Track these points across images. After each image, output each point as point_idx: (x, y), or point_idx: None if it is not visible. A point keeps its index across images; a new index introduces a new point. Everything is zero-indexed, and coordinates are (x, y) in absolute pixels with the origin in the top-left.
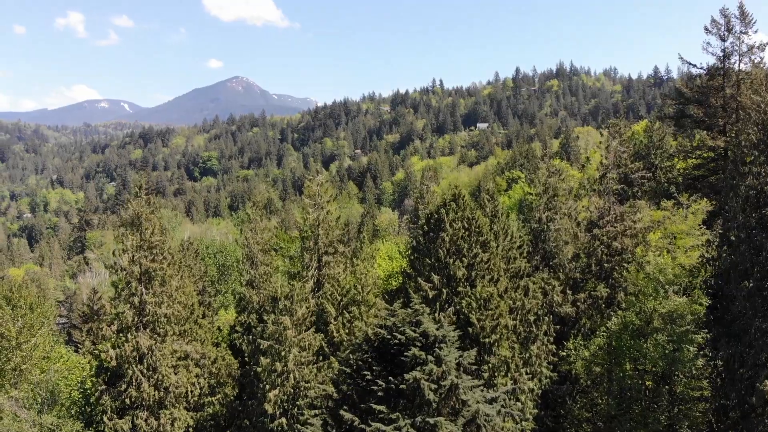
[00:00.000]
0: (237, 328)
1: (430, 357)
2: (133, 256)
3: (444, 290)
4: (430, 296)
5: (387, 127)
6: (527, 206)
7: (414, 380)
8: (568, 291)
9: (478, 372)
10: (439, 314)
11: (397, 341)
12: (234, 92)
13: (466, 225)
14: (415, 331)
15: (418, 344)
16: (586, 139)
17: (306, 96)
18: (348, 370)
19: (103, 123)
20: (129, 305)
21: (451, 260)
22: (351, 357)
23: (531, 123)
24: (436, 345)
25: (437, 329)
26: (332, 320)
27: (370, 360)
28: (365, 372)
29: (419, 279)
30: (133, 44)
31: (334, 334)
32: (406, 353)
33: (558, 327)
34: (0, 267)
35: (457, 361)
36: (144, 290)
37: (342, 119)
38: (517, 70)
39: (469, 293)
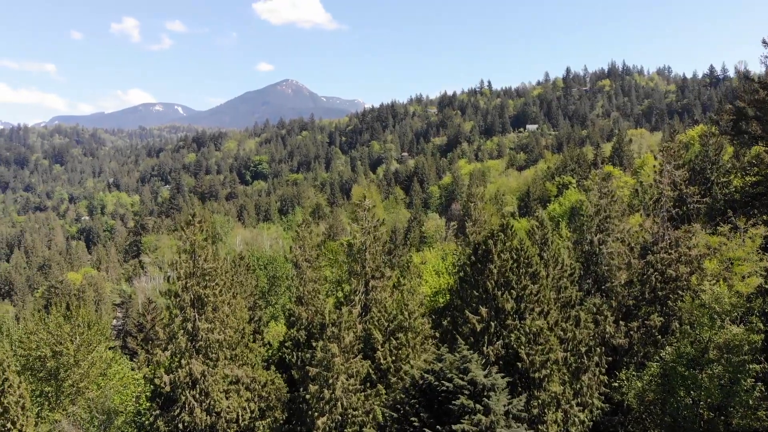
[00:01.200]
0: (287, 343)
1: (478, 406)
2: (186, 283)
3: (492, 323)
4: (478, 329)
5: (434, 129)
6: (579, 217)
7: None
8: (620, 320)
9: (528, 407)
10: (487, 348)
11: (444, 388)
12: (284, 95)
13: (515, 256)
14: (463, 379)
15: (466, 392)
16: (640, 142)
17: (354, 98)
18: (395, 415)
19: (158, 126)
20: (182, 331)
21: (500, 292)
22: (399, 400)
23: (582, 124)
24: (485, 393)
25: (485, 376)
26: (379, 347)
27: (417, 405)
28: (413, 418)
29: (466, 311)
30: (186, 48)
31: (381, 361)
32: (454, 401)
33: (610, 358)
34: (59, 270)
35: (506, 408)
36: (197, 316)
37: (389, 122)
38: (568, 70)
39: (518, 327)
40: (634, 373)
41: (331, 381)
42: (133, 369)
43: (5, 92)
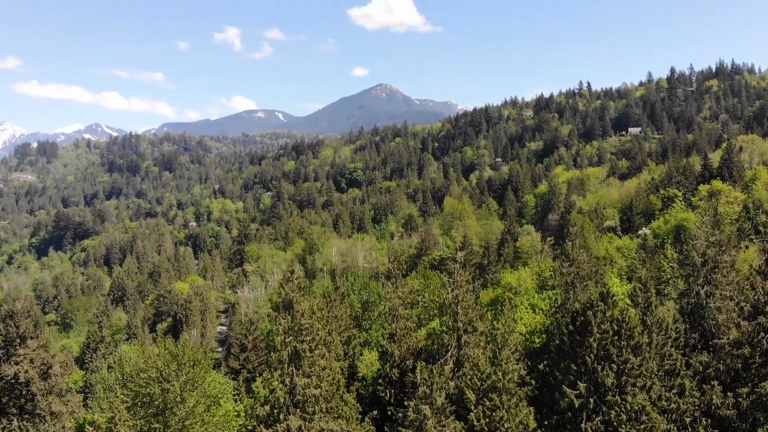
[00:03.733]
0: (380, 381)
1: None
2: (284, 338)
3: (591, 399)
4: (576, 405)
5: (530, 133)
6: (685, 235)
7: None
8: (728, 386)
9: None
10: (585, 424)
11: None
12: (378, 99)
13: (615, 327)
14: None
15: None
16: (751, 150)
17: (447, 99)
18: None
19: (260, 133)
20: (281, 385)
21: (599, 367)
22: None
23: (688, 128)
24: None
25: None
26: (473, 407)
27: None
28: None
29: (564, 385)
30: (285, 55)
31: (475, 423)
32: None
33: (717, 431)
34: (168, 279)
35: None
36: (295, 371)
37: (482, 126)
38: (672, 70)
39: (619, 403)
40: None
41: None
42: (235, 396)
43: (118, 101)
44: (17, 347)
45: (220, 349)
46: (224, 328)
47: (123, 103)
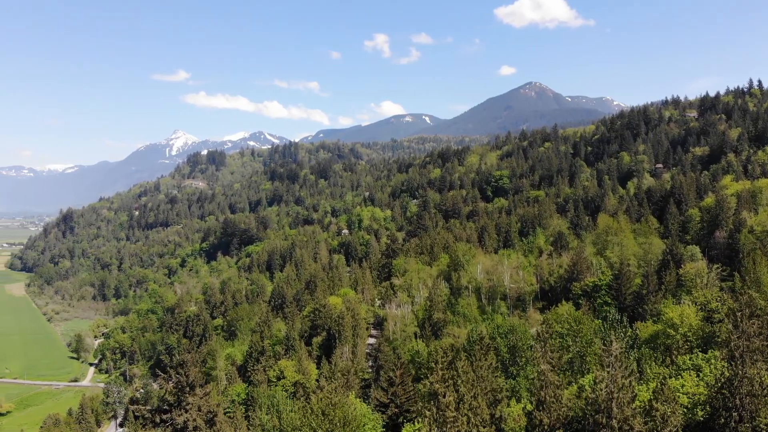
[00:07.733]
0: None
1: None
2: (430, 430)
3: None
4: None
5: (694, 137)
6: None
7: None
8: None
9: None
10: None
11: None
12: (526, 98)
13: None
14: None
15: None
16: None
17: (601, 95)
18: None
19: (407, 138)
20: None
21: None
22: None
23: None
24: None
25: None
26: None
27: None
28: None
29: None
30: (432, 59)
31: None
32: None
33: None
34: (323, 292)
35: None
36: None
37: (641, 129)
38: None
39: None
40: None
41: None
42: None
43: (278, 109)
44: (187, 395)
45: (371, 365)
46: (374, 340)
47: (282, 112)
